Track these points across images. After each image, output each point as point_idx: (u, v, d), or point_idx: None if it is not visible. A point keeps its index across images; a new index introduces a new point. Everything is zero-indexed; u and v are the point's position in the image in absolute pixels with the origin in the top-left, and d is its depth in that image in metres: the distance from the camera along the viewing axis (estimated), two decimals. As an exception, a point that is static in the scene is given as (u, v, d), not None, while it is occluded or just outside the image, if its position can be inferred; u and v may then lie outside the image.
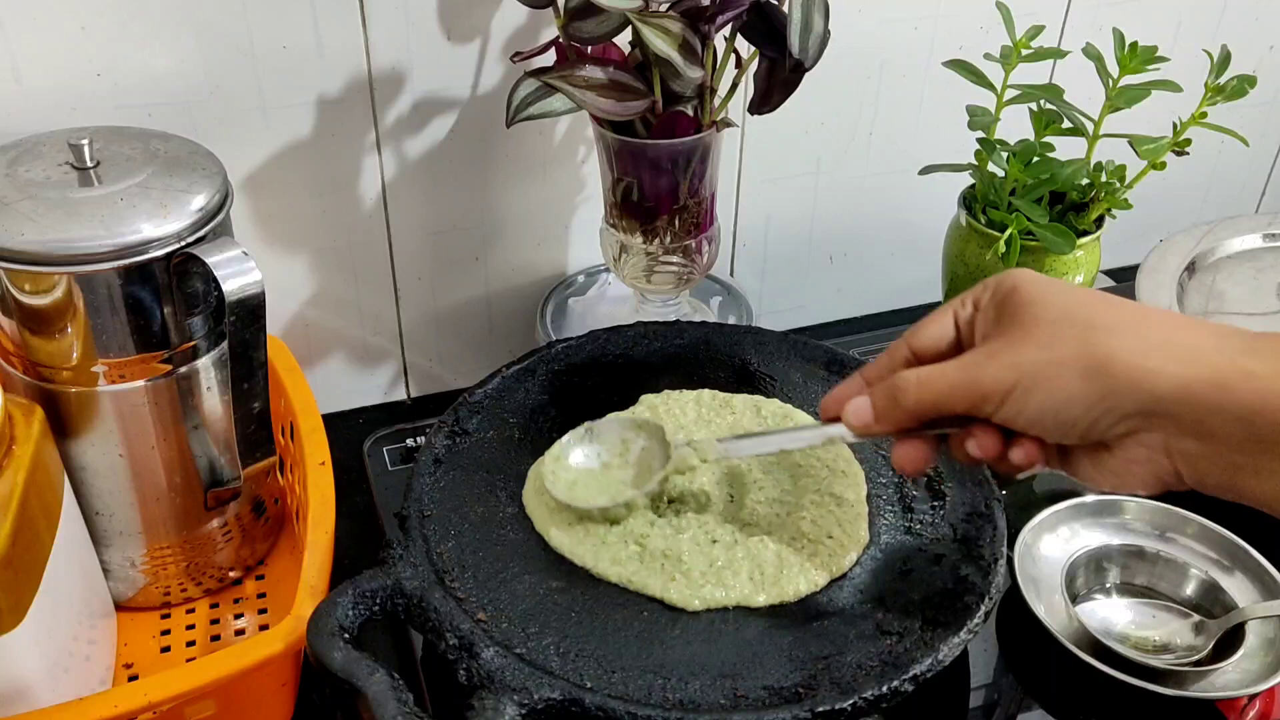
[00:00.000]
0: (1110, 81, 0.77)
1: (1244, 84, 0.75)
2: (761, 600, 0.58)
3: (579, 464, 0.64)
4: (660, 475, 0.61)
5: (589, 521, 0.61)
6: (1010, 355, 0.49)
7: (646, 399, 0.71)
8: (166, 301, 0.59)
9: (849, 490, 0.64)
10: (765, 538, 0.61)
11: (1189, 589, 0.68)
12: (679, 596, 0.58)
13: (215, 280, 0.57)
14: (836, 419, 0.56)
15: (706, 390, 0.72)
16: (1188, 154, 0.77)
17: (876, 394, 0.54)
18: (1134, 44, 0.76)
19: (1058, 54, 0.79)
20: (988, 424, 0.51)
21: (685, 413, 0.70)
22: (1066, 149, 0.79)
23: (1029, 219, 0.76)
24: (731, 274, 0.94)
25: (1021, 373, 0.48)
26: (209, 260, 0.57)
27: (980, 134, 0.80)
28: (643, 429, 0.64)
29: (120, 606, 0.68)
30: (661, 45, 0.66)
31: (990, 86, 0.79)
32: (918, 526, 0.63)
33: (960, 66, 0.80)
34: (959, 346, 0.53)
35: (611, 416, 0.66)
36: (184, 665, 0.57)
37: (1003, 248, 0.76)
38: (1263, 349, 0.45)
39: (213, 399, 0.64)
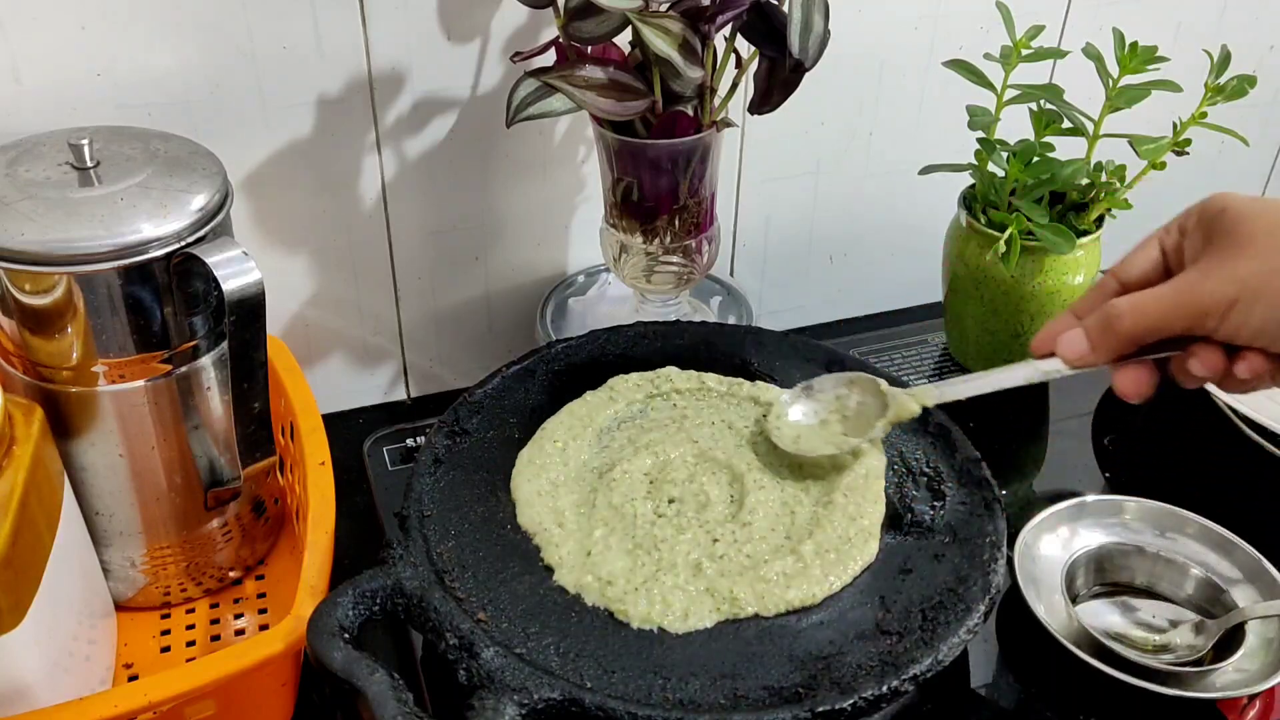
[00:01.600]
0: (1110, 81, 0.77)
1: (1244, 84, 0.75)
2: (754, 612, 0.58)
3: (798, 420, 0.66)
4: (884, 422, 0.64)
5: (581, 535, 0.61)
6: (1228, 269, 0.49)
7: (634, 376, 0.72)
8: (166, 301, 0.59)
9: (866, 504, 0.64)
10: (765, 545, 0.61)
11: (1189, 589, 0.68)
12: (669, 623, 0.57)
13: (215, 280, 0.57)
14: (1049, 354, 0.56)
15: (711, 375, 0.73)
16: (1188, 154, 0.77)
17: (1090, 323, 0.54)
18: (1134, 44, 0.76)
19: (1058, 54, 0.79)
20: (1209, 342, 0.50)
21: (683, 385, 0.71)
22: (1066, 149, 0.79)
23: (1029, 219, 0.77)
24: (731, 274, 0.94)
25: (1243, 285, 0.48)
26: (209, 260, 0.57)
27: (980, 134, 0.80)
28: (856, 384, 0.66)
29: (120, 606, 0.68)
30: (661, 45, 0.66)
31: (990, 86, 0.79)
32: (918, 526, 0.63)
33: (960, 66, 0.80)
34: (1167, 273, 0.53)
35: (827, 375, 0.68)
36: (184, 665, 0.57)
37: (1003, 247, 0.76)
38: None
39: (213, 399, 0.64)
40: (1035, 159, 0.77)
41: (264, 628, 0.68)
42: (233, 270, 0.57)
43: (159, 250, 0.57)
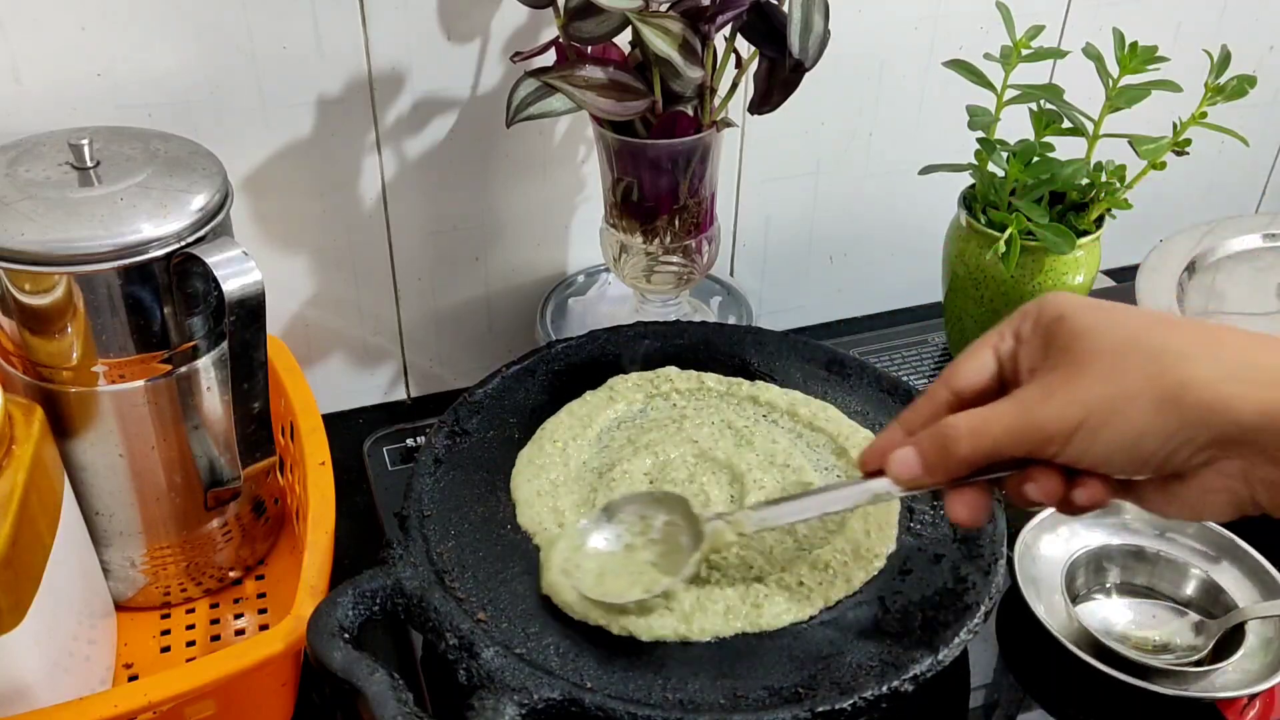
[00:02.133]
0: (1110, 81, 0.77)
1: (1244, 84, 0.75)
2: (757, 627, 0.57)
3: (600, 549, 0.59)
4: (697, 558, 0.57)
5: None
6: (1071, 391, 0.46)
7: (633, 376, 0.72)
8: (166, 301, 0.59)
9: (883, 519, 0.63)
10: (769, 554, 0.61)
11: (1189, 589, 0.68)
12: (675, 633, 0.57)
13: (215, 280, 0.57)
14: (878, 472, 0.52)
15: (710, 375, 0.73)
16: (1188, 154, 0.77)
17: (924, 444, 0.50)
18: (1134, 44, 0.76)
19: (1058, 54, 0.79)
20: (1048, 465, 0.48)
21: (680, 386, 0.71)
22: (1066, 149, 0.79)
23: (1029, 219, 0.76)
24: (731, 274, 0.94)
25: (1088, 409, 0.45)
26: (209, 260, 0.57)
27: (980, 134, 0.80)
28: (662, 503, 0.60)
29: (120, 606, 0.68)
30: (661, 45, 0.66)
31: (990, 86, 0.79)
32: (918, 526, 0.63)
33: (960, 66, 0.80)
34: (1001, 382, 0.51)
35: (625, 495, 0.62)
36: (184, 665, 0.57)
37: (1003, 248, 0.76)
38: None
39: (213, 399, 0.64)
40: (1035, 159, 0.77)
41: (264, 628, 0.68)
42: (233, 270, 0.57)
43: (159, 250, 0.57)
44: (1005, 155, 0.78)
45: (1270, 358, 0.44)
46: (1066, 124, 0.78)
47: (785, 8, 0.68)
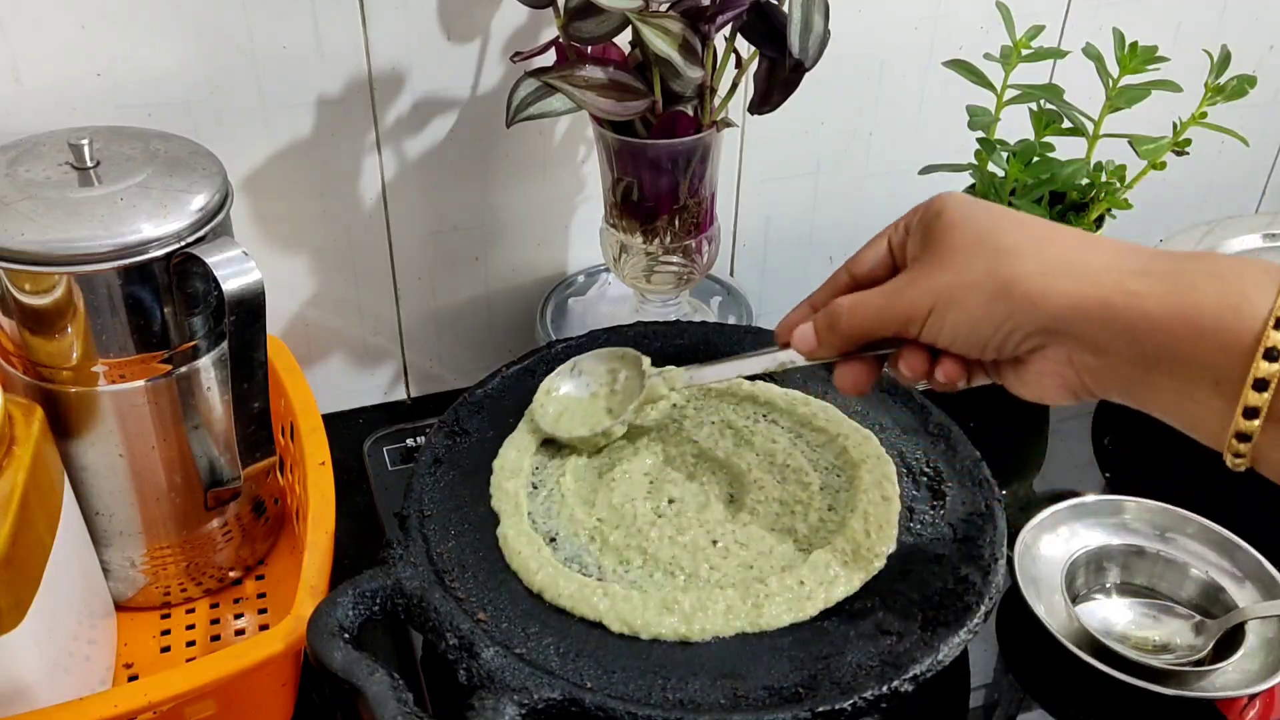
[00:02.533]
0: (1110, 81, 0.77)
1: (1244, 84, 0.75)
2: (757, 627, 0.58)
3: (567, 393, 0.68)
4: (635, 405, 0.65)
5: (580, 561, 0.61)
6: (927, 280, 0.51)
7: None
8: (166, 301, 0.59)
9: (871, 506, 0.63)
10: (770, 554, 0.61)
11: (1189, 589, 0.68)
12: (675, 633, 0.57)
13: (215, 280, 0.57)
14: (788, 344, 0.58)
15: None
16: (1188, 154, 0.77)
17: (818, 320, 0.56)
18: (1134, 44, 0.76)
19: (1058, 54, 0.79)
20: (916, 344, 0.53)
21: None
22: (1066, 149, 0.79)
23: (1029, 219, 0.76)
24: (731, 274, 0.94)
25: (937, 296, 0.51)
26: (209, 260, 0.57)
27: (980, 134, 0.80)
28: (624, 359, 0.68)
29: (120, 606, 0.68)
30: (661, 45, 0.66)
31: (990, 86, 0.79)
32: (918, 526, 0.63)
33: (960, 66, 0.80)
34: (893, 269, 0.56)
35: (597, 350, 0.70)
36: (184, 665, 0.57)
37: (1003, 248, 0.76)
38: (1155, 269, 0.46)
39: (213, 399, 0.64)
40: (1035, 159, 0.77)
41: (264, 628, 0.68)
42: (233, 270, 0.57)
43: (159, 250, 0.57)
44: (1005, 155, 0.78)
45: (1086, 256, 0.48)
46: (1066, 124, 0.79)
47: (785, 8, 0.68)
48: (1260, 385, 0.43)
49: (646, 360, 0.67)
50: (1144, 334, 0.45)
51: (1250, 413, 0.44)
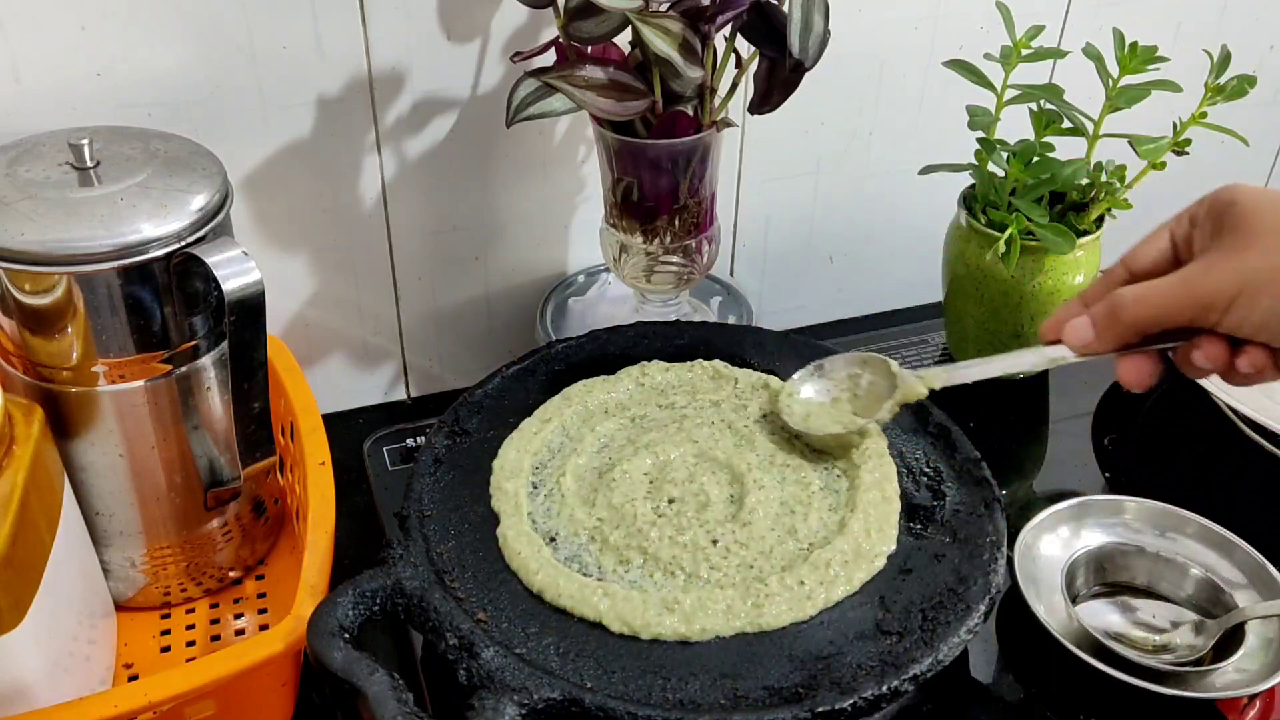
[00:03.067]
0: (1110, 81, 0.77)
1: (1244, 84, 0.75)
2: (757, 627, 0.58)
3: (809, 397, 0.68)
4: (892, 403, 0.64)
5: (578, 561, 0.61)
6: (1233, 263, 0.49)
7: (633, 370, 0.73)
8: (166, 301, 0.59)
9: (870, 507, 0.63)
10: (769, 554, 0.61)
11: (1189, 589, 0.68)
12: (675, 633, 0.57)
13: (215, 280, 0.57)
14: (1056, 342, 0.57)
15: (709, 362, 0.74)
16: (1188, 154, 0.77)
17: (1096, 311, 0.55)
18: (1134, 44, 0.76)
19: (1058, 54, 0.79)
20: (1213, 334, 0.51)
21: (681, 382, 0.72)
22: (1066, 149, 0.79)
23: (1029, 219, 0.77)
24: (731, 274, 0.94)
25: (1246, 280, 0.49)
26: (209, 260, 0.57)
27: (980, 134, 0.80)
28: (868, 364, 0.67)
29: (120, 606, 0.68)
30: (661, 45, 0.66)
31: (990, 86, 0.79)
32: (918, 526, 0.63)
33: (960, 66, 0.80)
34: (1177, 263, 0.54)
35: (840, 354, 0.69)
36: (184, 665, 0.57)
37: (1003, 248, 0.76)
38: None
39: (213, 399, 0.64)
40: (1035, 159, 0.77)
41: (264, 628, 0.68)
42: (233, 270, 0.57)
43: (159, 250, 0.57)
44: (1005, 155, 0.78)
45: None
46: (1066, 124, 0.79)
47: (785, 8, 0.68)
48: None
49: (894, 363, 0.66)
50: None
51: None
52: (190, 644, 0.67)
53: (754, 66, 0.73)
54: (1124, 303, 0.53)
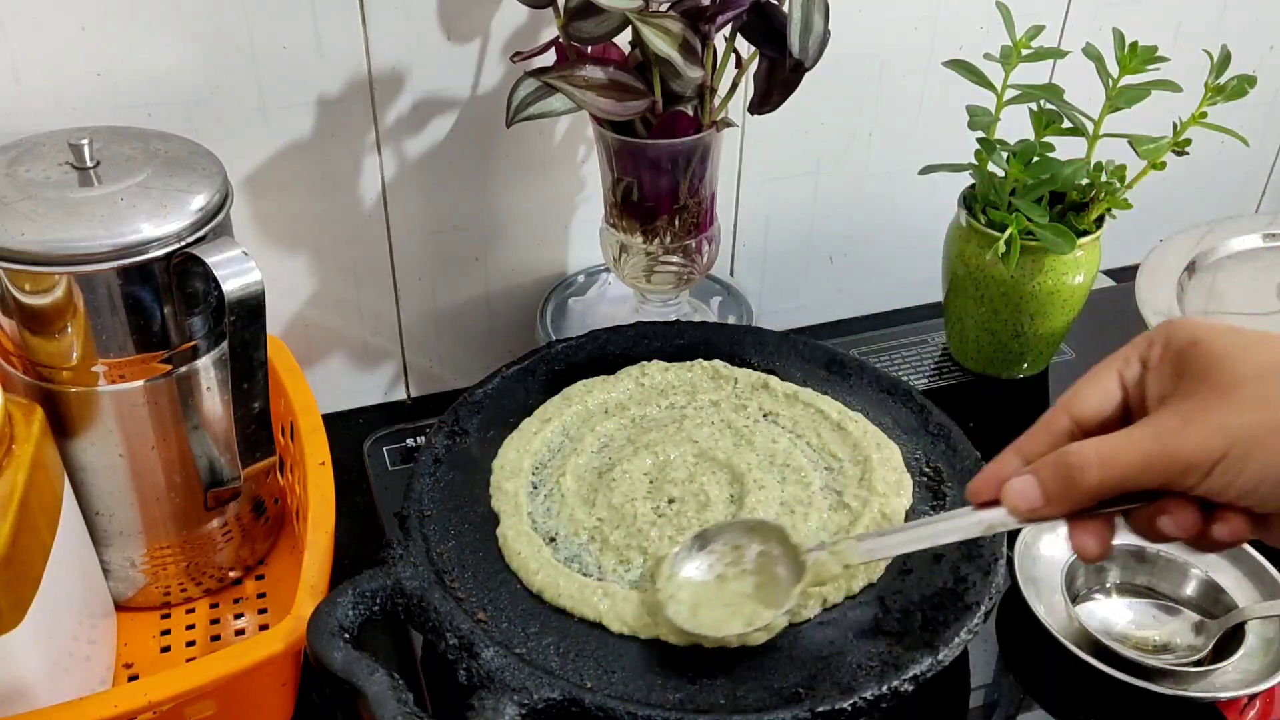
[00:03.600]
0: (1110, 81, 0.77)
1: (1244, 84, 0.75)
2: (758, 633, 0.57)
3: (692, 578, 0.58)
4: (798, 590, 0.55)
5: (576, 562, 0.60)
6: (1213, 419, 0.43)
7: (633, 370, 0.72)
8: (166, 301, 0.59)
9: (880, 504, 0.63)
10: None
11: (1189, 589, 0.68)
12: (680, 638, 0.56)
13: (215, 280, 0.57)
14: (993, 502, 0.49)
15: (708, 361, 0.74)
16: (1188, 154, 0.77)
17: (1045, 473, 0.47)
18: (1134, 44, 0.76)
19: (1058, 54, 0.79)
20: (1183, 498, 0.45)
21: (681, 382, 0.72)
22: (1066, 149, 0.79)
23: (1029, 219, 0.77)
24: (731, 274, 0.94)
25: (1232, 439, 0.43)
26: (209, 260, 0.57)
27: (980, 134, 0.80)
28: (756, 532, 0.59)
29: (120, 606, 0.68)
30: (661, 45, 0.66)
31: (990, 86, 0.79)
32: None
33: (960, 66, 0.80)
34: (1126, 410, 0.48)
35: (718, 524, 0.60)
36: (184, 665, 0.57)
37: (1003, 248, 0.76)
38: None
39: (213, 399, 0.64)
40: (1035, 159, 0.77)
41: (264, 628, 0.68)
42: (233, 270, 0.57)
43: (159, 250, 0.57)
44: (1005, 155, 0.78)
45: None
46: (1066, 124, 0.79)
47: (785, 8, 0.68)
48: None
49: (792, 533, 0.58)
50: None
51: None
52: (190, 644, 0.67)
53: (754, 66, 0.73)
54: (1086, 463, 0.46)
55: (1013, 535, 0.66)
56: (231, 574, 0.71)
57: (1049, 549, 0.69)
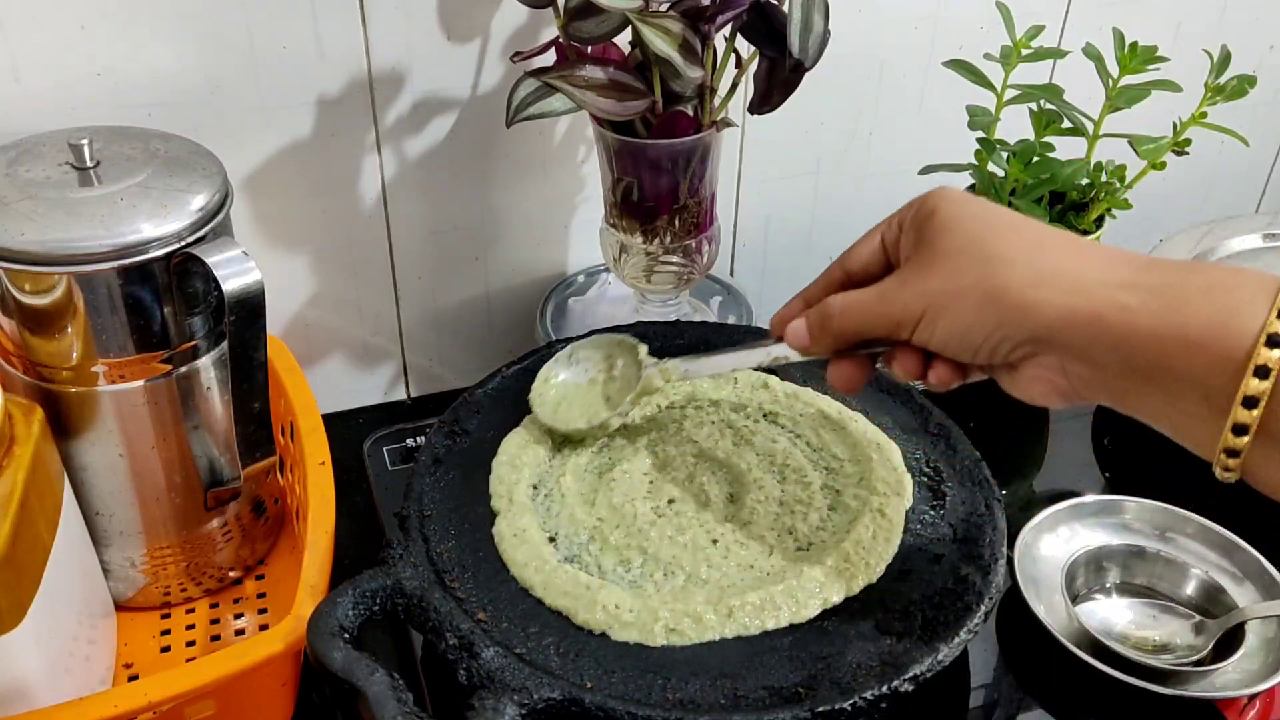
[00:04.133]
0: (1110, 81, 0.77)
1: (1244, 84, 0.75)
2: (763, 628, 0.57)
3: (565, 380, 0.68)
4: (631, 397, 0.64)
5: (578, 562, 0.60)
6: (919, 284, 0.51)
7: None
8: (166, 301, 0.59)
9: (884, 505, 0.63)
10: (770, 554, 0.61)
11: (1189, 589, 0.68)
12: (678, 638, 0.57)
13: (215, 280, 0.57)
14: (781, 338, 0.58)
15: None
16: (1188, 154, 0.77)
17: (811, 317, 0.56)
18: (1134, 44, 0.76)
19: (1058, 54, 0.79)
20: (907, 346, 0.53)
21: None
22: (1066, 149, 0.79)
23: (1029, 219, 0.76)
24: (731, 274, 0.94)
25: (928, 301, 0.50)
26: (209, 260, 0.57)
27: (980, 134, 0.80)
28: (620, 345, 0.67)
29: (120, 606, 0.68)
30: (661, 45, 0.66)
31: (990, 86, 0.79)
32: (918, 526, 0.63)
33: (960, 66, 0.80)
34: (887, 265, 0.55)
35: (595, 336, 0.69)
36: (184, 665, 0.57)
37: (1003, 248, 0.76)
38: (1147, 282, 0.46)
39: (213, 399, 0.64)
40: (1035, 159, 0.78)
41: (264, 628, 0.68)
42: (233, 270, 0.57)
43: (159, 250, 0.57)
44: (1005, 155, 0.78)
45: (1080, 266, 0.47)
46: (1066, 124, 0.79)
47: (785, 8, 0.68)
48: (1250, 402, 0.43)
49: (644, 348, 0.66)
50: (1135, 348, 0.45)
51: (1239, 429, 0.43)
52: (190, 644, 0.67)
53: (754, 66, 0.73)
54: (832, 313, 0.54)
55: (1013, 535, 0.66)
56: (231, 574, 0.71)
57: (1049, 549, 0.69)
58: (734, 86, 0.74)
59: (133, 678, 0.65)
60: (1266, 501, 0.58)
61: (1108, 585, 0.69)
